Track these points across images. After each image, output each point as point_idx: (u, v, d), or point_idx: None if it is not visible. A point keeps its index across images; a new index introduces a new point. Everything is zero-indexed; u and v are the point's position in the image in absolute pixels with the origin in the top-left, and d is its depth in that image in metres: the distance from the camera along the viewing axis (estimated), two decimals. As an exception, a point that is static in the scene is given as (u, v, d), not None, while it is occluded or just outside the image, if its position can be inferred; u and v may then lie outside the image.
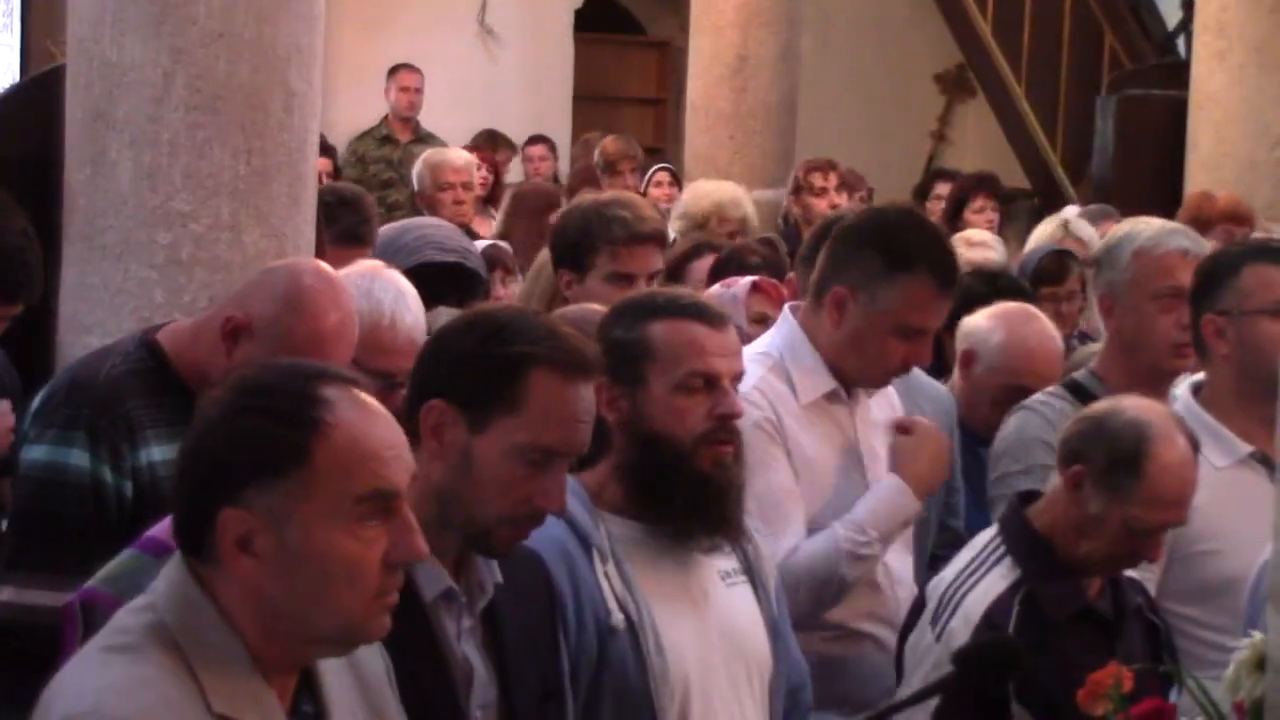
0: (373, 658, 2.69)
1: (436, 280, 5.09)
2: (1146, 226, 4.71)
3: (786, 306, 4.30)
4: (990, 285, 6.08)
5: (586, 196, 5.08)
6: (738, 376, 3.45)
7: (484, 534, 2.97)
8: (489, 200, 10.17)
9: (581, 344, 3.01)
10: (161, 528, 3.17)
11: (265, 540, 2.40)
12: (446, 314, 4.73)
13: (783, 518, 3.96)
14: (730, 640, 3.45)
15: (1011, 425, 4.75)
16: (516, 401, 2.93)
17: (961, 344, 5.26)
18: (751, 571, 3.56)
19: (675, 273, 5.73)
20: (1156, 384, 4.59)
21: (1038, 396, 4.79)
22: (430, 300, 4.87)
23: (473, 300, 5.14)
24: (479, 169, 9.30)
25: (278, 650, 2.45)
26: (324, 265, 3.77)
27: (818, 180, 9.55)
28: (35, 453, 3.75)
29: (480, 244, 6.71)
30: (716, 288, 5.18)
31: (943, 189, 10.73)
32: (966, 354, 5.25)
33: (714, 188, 8.16)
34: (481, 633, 3.07)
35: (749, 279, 4.99)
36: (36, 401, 3.84)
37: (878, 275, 4.05)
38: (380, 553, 2.42)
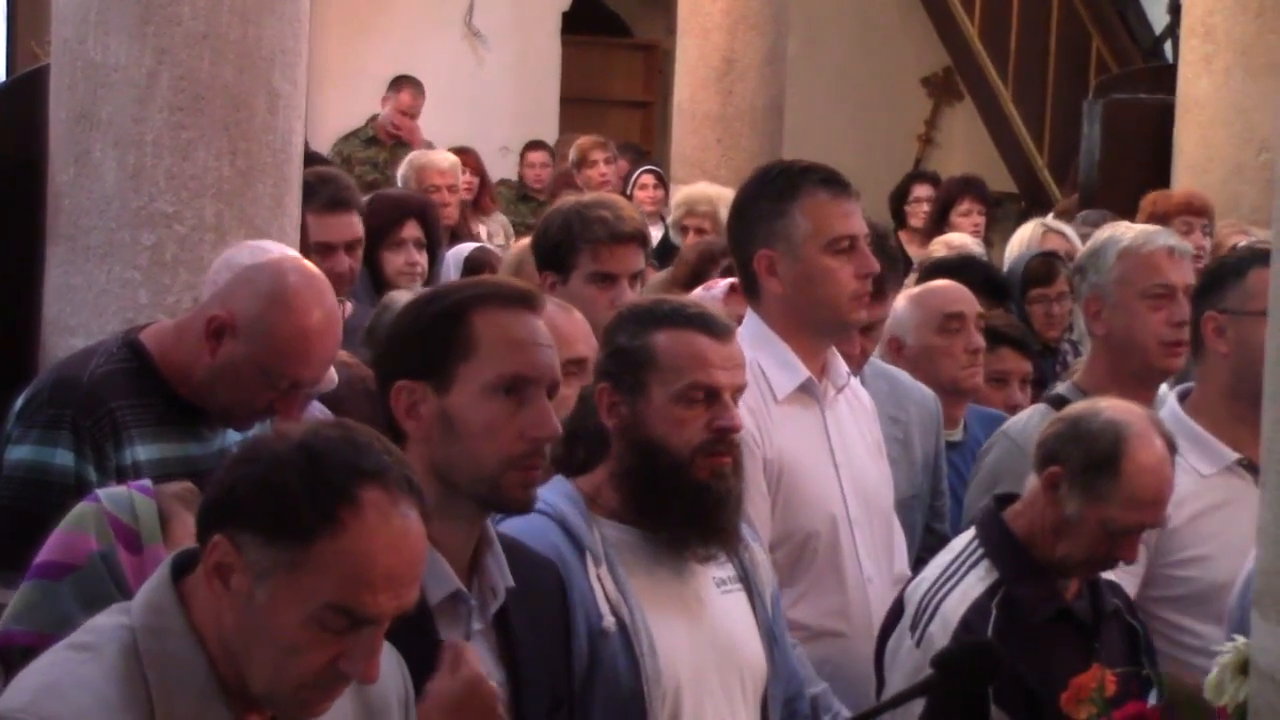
0: (388, 682, 2.65)
1: None
2: (1129, 229, 4.73)
3: (748, 308, 4.30)
4: (963, 267, 6.22)
5: (568, 198, 5.07)
6: (739, 389, 3.44)
7: (494, 488, 2.93)
8: (476, 204, 10.16)
9: (514, 281, 3.07)
10: (51, 548, 3.13)
11: (239, 581, 2.39)
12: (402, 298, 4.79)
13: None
14: (723, 647, 3.44)
15: (994, 454, 4.73)
16: (468, 345, 2.93)
17: (886, 334, 5.31)
18: (747, 579, 3.55)
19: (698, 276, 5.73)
20: (1144, 387, 4.59)
21: (1016, 420, 4.77)
22: None
23: None
24: (464, 172, 9.29)
25: (232, 676, 2.43)
26: (306, 262, 3.75)
27: None
28: (19, 453, 3.73)
29: (467, 247, 6.72)
30: (698, 290, 5.17)
31: (921, 191, 10.74)
32: (893, 341, 5.30)
33: (690, 187, 8.19)
34: (494, 637, 3.05)
35: (727, 281, 4.98)
36: (20, 401, 3.82)
37: (777, 217, 4.11)
38: (330, 656, 2.38)
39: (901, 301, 5.38)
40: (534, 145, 12.71)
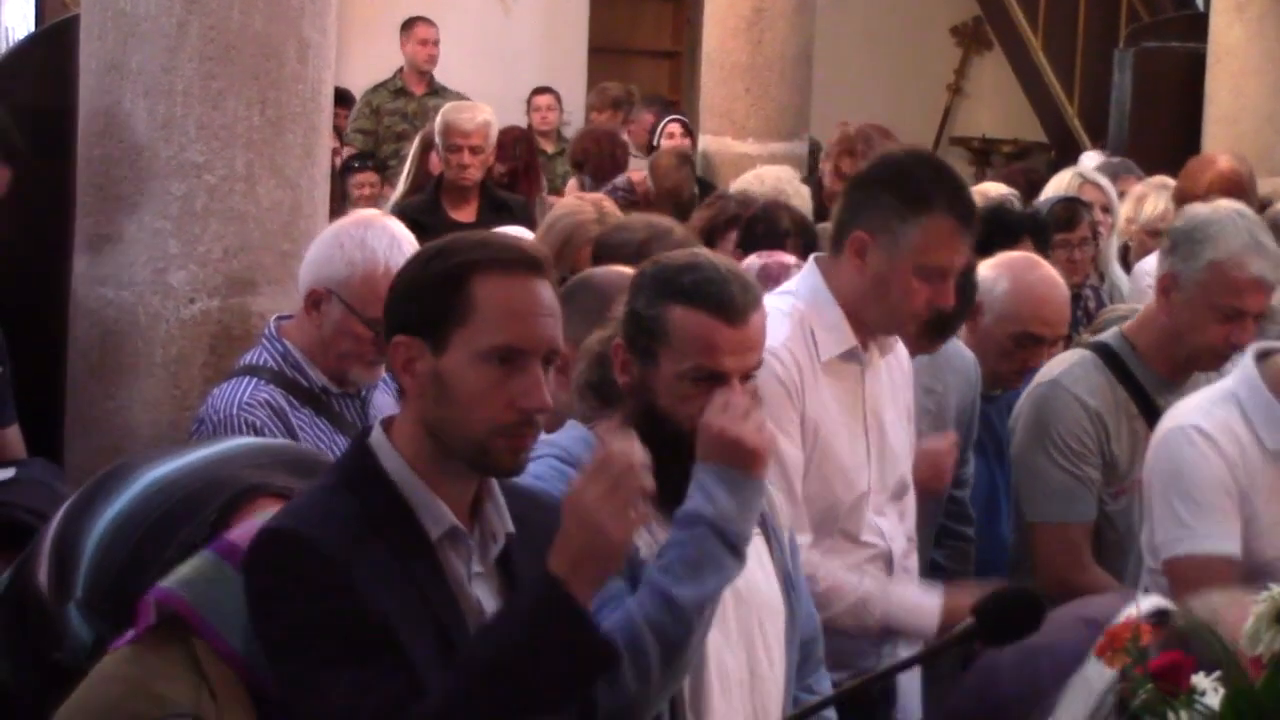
0: None
1: None
2: (1234, 234, 4.54)
3: (811, 257, 4.27)
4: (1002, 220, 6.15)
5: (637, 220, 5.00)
6: (750, 370, 3.41)
7: (482, 453, 2.94)
8: (514, 180, 9.82)
9: (521, 244, 3.01)
10: (239, 534, 3.04)
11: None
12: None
13: (791, 499, 3.96)
14: (740, 590, 3.42)
15: (1042, 404, 4.75)
16: (465, 311, 2.91)
17: None
18: (765, 522, 3.53)
19: (710, 238, 5.67)
20: (1186, 373, 4.67)
21: (1067, 370, 4.78)
22: None
23: None
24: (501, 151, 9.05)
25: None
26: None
27: (846, 166, 9.18)
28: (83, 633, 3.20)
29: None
30: (752, 259, 5.12)
31: None
32: (976, 305, 5.22)
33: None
34: (498, 580, 3.05)
35: (792, 259, 4.94)
36: (86, 568, 3.18)
37: (896, 217, 4.04)
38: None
39: (1005, 280, 5.11)
40: (540, 90, 12.72)
